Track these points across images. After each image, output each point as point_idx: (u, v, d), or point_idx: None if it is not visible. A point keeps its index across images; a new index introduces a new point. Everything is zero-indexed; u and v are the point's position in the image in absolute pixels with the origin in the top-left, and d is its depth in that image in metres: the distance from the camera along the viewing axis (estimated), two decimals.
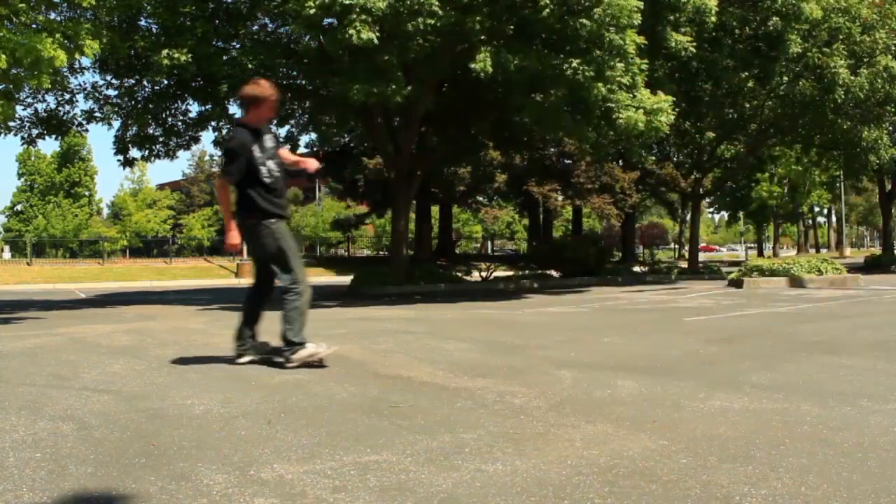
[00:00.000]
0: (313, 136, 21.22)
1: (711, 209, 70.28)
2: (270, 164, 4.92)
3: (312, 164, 5.32)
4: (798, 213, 60.77)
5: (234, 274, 28.87)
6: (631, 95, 11.85)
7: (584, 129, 13.14)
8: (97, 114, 14.64)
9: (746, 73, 18.69)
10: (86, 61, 13.37)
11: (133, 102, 14.55)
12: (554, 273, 19.88)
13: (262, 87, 4.97)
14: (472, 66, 11.16)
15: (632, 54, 11.60)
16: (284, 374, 4.79)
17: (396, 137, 16.30)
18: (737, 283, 15.33)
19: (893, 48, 18.85)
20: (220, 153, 55.76)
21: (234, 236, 4.90)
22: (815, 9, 16.38)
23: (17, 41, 8.56)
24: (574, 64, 11.23)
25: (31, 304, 13.49)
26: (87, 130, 15.66)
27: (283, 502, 2.39)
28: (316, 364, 4.93)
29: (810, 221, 73.54)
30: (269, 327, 5.41)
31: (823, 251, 63.24)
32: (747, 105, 21.23)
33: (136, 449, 3.01)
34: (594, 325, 8.30)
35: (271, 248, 4.92)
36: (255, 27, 14.58)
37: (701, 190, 26.92)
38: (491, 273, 19.87)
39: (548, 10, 10.99)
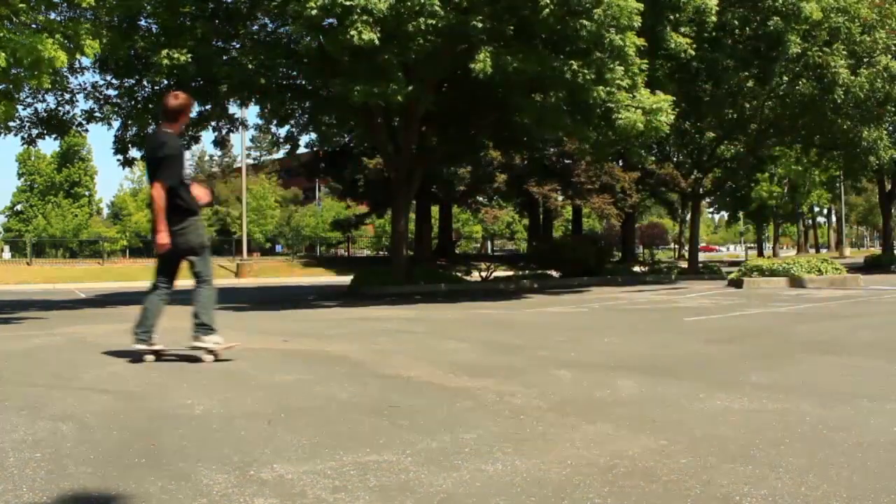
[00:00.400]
0: (313, 136, 21.21)
1: (711, 209, 70.20)
2: None
3: (204, 195, 5.72)
4: (798, 213, 60.76)
5: (234, 274, 28.88)
6: (631, 96, 11.84)
7: (585, 129, 13.14)
8: (97, 114, 14.63)
9: (746, 73, 18.68)
10: (86, 61, 13.35)
11: (133, 102, 14.53)
12: (554, 273, 19.87)
13: (185, 99, 5.48)
14: (472, 66, 11.15)
15: (631, 56, 11.59)
16: (284, 374, 4.79)
17: (396, 137, 16.29)
18: (737, 283, 15.33)
19: (893, 48, 18.84)
20: (219, 153, 54.74)
21: (166, 236, 5.18)
22: (815, 9, 16.37)
23: (18, 41, 8.55)
24: (574, 66, 11.23)
25: (31, 304, 13.49)
26: (87, 130, 15.65)
27: (283, 502, 2.39)
28: (216, 355, 5.28)
29: (810, 221, 73.51)
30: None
31: (823, 251, 63.21)
32: (747, 105, 21.21)
33: (136, 449, 3.01)
34: (594, 325, 8.30)
35: (195, 242, 5.33)
36: (255, 27, 14.57)
37: (701, 190, 26.90)
38: (491, 273, 19.86)
39: (548, 10, 10.99)
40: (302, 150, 20.30)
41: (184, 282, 5.51)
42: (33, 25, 9.92)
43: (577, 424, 3.37)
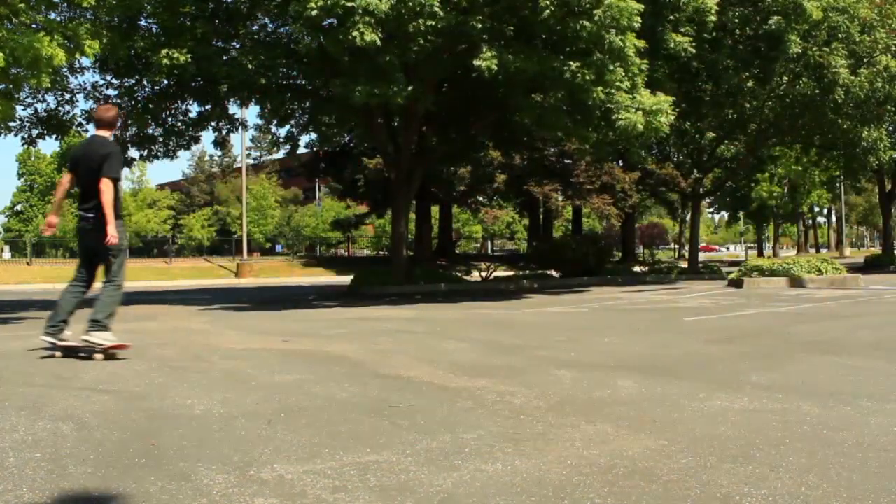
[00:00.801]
0: (313, 136, 21.20)
1: (711, 209, 70.26)
2: None
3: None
4: (798, 213, 60.76)
5: (234, 274, 28.88)
6: (631, 96, 11.83)
7: (584, 130, 13.13)
8: None
9: (746, 74, 18.68)
10: (86, 61, 13.34)
11: (133, 102, 14.53)
12: (554, 273, 19.87)
13: (117, 110, 6.13)
14: (477, 63, 11.12)
15: (631, 57, 11.58)
16: (284, 374, 4.79)
17: (396, 137, 16.29)
18: (737, 283, 15.33)
19: (893, 48, 18.84)
20: (219, 153, 54.78)
21: (115, 229, 5.37)
22: (815, 8, 16.37)
23: (16, 40, 8.55)
24: (574, 67, 11.22)
25: (31, 304, 13.48)
26: (86, 130, 15.63)
27: (283, 502, 2.39)
28: (104, 351, 5.41)
29: (810, 221, 73.52)
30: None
31: (823, 251, 63.22)
32: (747, 105, 21.20)
33: (136, 449, 3.01)
34: (594, 325, 8.30)
35: (118, 244, 5.53)
36: (255, 27, 14.57)
37: (701, 190, 26.91)
38: (491, 273, 19.86)
39: (548, 10, 10.98)
40: (302, 150, 20.30)
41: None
42: (33, 25, 9.92)
43: (577, 424, 3.37)
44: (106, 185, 5.38)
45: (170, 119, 15.30)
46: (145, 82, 14.15)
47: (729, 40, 17.42)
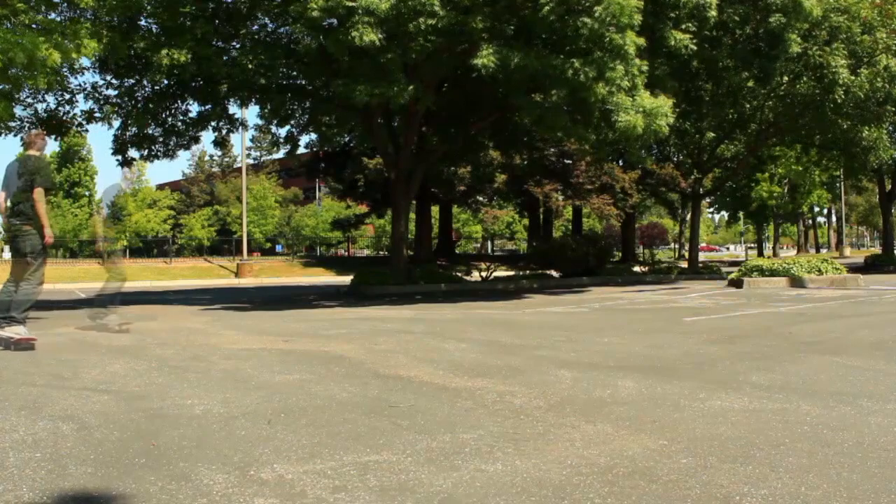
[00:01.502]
0: (313, 136, 21.22)
1: (711, 209, 70.22)
2: None
3: None
4: (798, 213, 60.74)
5: (234, 274, 28.89)
6: (631, 98, 11.81)
7: (584, 130, 13.12)
8: (97, 114, 14.63)
9: (746, 73, 18.67)
10: (86, 61, 13.34)
11: (133, 102, 14.54)
12: (554, 273, 19.86)
13: (45, 134, 7.26)
14: (475, 62, 11.12)
15: (632, 55, 11.57)
16: (284, 374, 4.79)
17: (396, 137, 16.29)
18: (737, 283, 15.33)
19: (894, 48, 18.83)
20: (219, 153, 54.84)
21: (51, 231, 6.34)
22: (815, 5, 16.35)
23: (13, 40, 8.56)
24: (576, 64, 11.22)
25: None
26: (86, 130, 15.64)
27: (283, 502, 2.39)
28: (14, 343, 5.95)
29: (810, 221, 73.50)
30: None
31: (823, 251, 63.20)
32: (747, 105, 21.19)
33: (136, 449, 3.01)
34: (594, 325, 8.30)
35: (38, 247, 6.28)
36: (256, 27, 14.57)
37: (701, 190, 26.90)
38: (491, 273, 19.85)
39: (548, 7, 10.97)
40: (302, 150, 20.30)
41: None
42: (33, 26, 9.92)
43: (576, 424, 3.37)
44: (39, 194, 6.27)
45: (170, 119, 15.31)
46: (145, 82, 14.16)
47: (729, 39, 17.41)
